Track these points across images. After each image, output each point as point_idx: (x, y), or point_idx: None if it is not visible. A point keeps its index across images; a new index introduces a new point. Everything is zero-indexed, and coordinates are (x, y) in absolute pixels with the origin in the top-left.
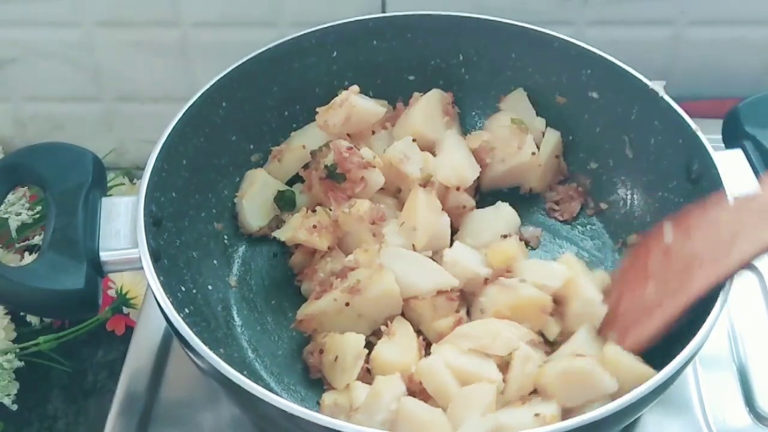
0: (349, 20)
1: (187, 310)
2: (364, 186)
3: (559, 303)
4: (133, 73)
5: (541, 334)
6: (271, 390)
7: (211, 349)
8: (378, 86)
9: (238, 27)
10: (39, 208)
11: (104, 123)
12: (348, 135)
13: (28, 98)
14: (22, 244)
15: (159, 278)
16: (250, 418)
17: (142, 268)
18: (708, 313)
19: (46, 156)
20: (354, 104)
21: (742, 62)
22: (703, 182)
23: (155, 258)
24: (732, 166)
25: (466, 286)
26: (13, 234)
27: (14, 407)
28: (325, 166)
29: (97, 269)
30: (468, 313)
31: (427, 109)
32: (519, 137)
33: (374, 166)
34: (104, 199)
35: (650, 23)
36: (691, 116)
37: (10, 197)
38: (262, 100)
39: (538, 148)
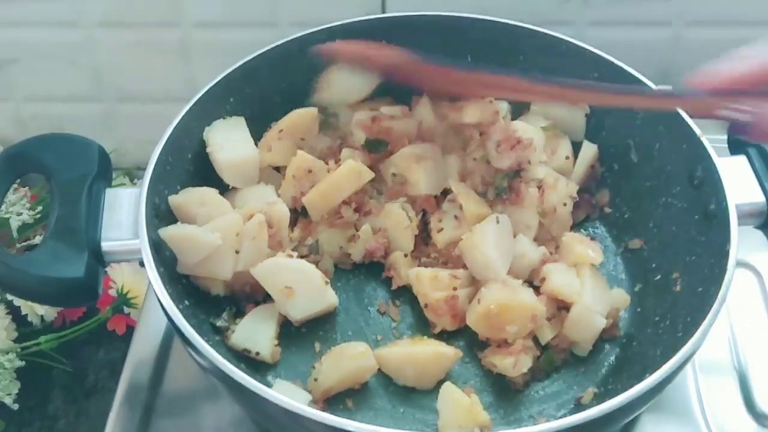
0: (357, 19)
1: (186, 302)
2: (404, 139)
3: (560, 308)
4: (133, 74)
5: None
6: (271, 387)
7: (209, 343)
8: (385, 86)
9: (239, 27)
10: (40, 208)
11: (105, 123)
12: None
13: (28, 98)
14: (23, 243)
15: (159, 269)
16: (250, 415)
17: (142, 258)
18: (706, 313)
19: (52, 146)
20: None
21: None
22: (706, 188)
23: (156, 249)
24: (735, 173)
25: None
26: (14, 234)
27: (15, 407)
28: (364, 143)
29: (98, 259)
30: None
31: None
32: (552, 142)
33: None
34: (108, 190)
35: (649, 24)
36: (689, 117)
37: (12, 197)
38: (270, 97)
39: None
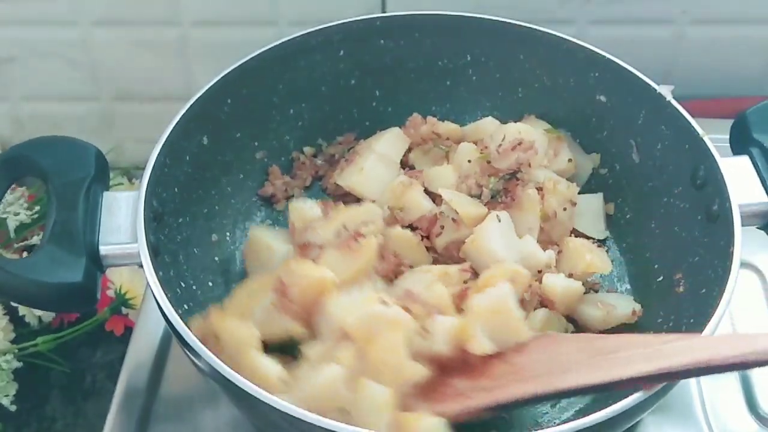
0: (356, 19)
1: (186, 306)
2: None
3: None
4: (131, 73)
5: None
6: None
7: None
8: (384, 86)
9: (238, 26)
10: (37, 208)
11: (103, 122)
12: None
13: (26, 98)
14: (20, 244)
15: (158, 273)
16: (249, 419)
17: (141, 263)
18: (709, 319)
19: (49, 149)
20: None
21: (743, 61)
22: (708, 188)
23: (155, 253)
24: (738, 173)
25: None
26: (12, 234)
27: (13, 408)
28: None
29: (97, 263)
30: None
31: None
32: (554, 145)
33: None
34: (105, 194)
35: (652, 22)
36: (692, 116)
37: (9, 197)
38: (268, 98)
39: None
